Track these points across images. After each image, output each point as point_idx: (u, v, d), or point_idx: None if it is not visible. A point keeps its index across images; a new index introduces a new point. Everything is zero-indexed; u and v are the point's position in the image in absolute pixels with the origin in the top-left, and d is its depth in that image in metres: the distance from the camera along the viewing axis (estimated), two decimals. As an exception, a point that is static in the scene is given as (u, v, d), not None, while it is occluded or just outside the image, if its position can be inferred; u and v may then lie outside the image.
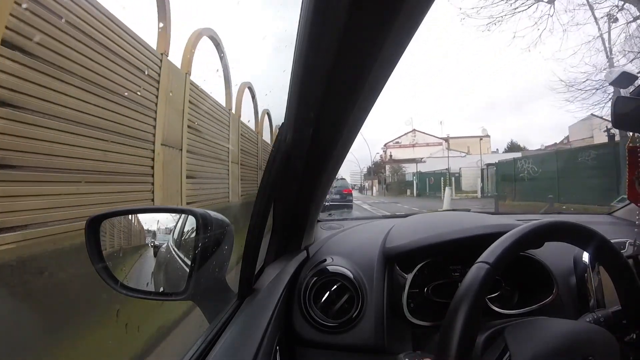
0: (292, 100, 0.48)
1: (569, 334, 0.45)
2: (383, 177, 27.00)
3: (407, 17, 0.32)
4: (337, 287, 0.73)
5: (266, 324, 0.54)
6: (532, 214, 1.29)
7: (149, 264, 0.62)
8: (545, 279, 0.71)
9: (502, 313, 0.70)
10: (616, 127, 0.71)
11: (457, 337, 0.40)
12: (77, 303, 1.61)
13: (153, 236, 0.61)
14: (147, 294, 0.58)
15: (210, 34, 4.56)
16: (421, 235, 0.75)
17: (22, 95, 1.88)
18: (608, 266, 0.52)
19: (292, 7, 0.40)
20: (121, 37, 2.79)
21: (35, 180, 1.95)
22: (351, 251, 0.82)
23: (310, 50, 0.38)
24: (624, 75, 0.80)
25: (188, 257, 0.57)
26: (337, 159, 0.61)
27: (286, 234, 0.80)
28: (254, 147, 7.01)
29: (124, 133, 2.79)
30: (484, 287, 0.43)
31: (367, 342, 0.69)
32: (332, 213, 2.03)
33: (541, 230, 0.48)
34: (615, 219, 1.14)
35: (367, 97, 0.45)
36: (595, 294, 0.68)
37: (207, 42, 4.65)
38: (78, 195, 2.24)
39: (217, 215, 0.58)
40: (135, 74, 2.95)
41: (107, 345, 1.39)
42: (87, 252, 0.55)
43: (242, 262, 0.60)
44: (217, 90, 5.08)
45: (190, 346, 0.50)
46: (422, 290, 0.75)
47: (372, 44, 0.35)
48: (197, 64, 4.05)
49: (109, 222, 0.60)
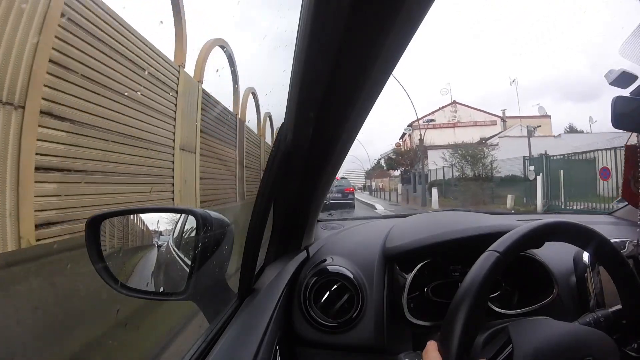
0: (292, 100, 0.48)
1: (571, 335, 0.45)
2: (413, 170, 16.61)
3: (408, 17, 0.32)
4: (337, 287, 0.73)
5: (266, 324, 0.54)
6: (532, 214, 1.29)
7: (149, 264, 0.62)
8: (545, 279, 0.71)
9: (502, 313, 0.70)
10: (616, 127, 0.71)
11: (460, 326, 0.40)
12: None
13: (153, 236, 0.61)
14: (147, 294, 0.58)
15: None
16: (421, 235, 0.75)
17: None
18: (608, 266, 0.52)
19: (292, 7, 0.40)
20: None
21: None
22: (351, 251, 0.82)
23: (310, 50, 0.38)
24: (624, 75, 0.80)
25: (188, 257, 0.57)
26: (337, 158, 0.61)
27: (286, 234, 0.80)
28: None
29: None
30: (492, 275, 0.43)
31: (367, 342, 0.69)
32: (332, 213, 2.04)
33: (541, 230, 0.48)
34: (615, 219, 1.14)
35: (367, 96, 0.45)
36: (595, 294, 0.68)
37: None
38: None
39: (217, 215, 0.59)
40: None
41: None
42: (87, 252, 0.55)
43: (242, 262, 0.60)
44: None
45: (191, 346, 0.50)
46: (422, 291, 0.75)
47: (372, 44, 0.35)
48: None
49: (109, 222, 0.60)
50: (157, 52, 3.27)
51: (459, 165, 13.09)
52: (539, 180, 8.50)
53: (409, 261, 0.74)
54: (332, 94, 0.42)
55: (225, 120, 5.45)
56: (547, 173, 8.74)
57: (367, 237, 0.89)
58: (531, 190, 8.96)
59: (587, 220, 1.07)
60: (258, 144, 7.50)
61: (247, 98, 6.56)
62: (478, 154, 12.81)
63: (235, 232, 0.61)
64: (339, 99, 0.44)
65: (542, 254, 0.71)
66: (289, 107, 0.51)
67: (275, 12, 3.47)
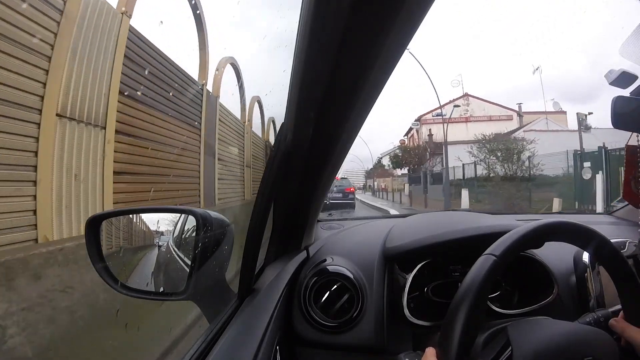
0: (292, 100, 0.48)
1: (570, 335, 0.45)
2: (423, 168, 14.99)
3: (408, 17, 0.32)
4: (337, 287, 0.73)
5: (266, 324, 0.54)
6: (532, 214, 1.29)
7: (149, 264, 0.62)
8: (545, 279, 0.71)
9: (502, 313, 0.70)
10: (616, 127, 0.71)
11: (460, 328, 0.40)
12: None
13: (153, 236, 0.61)
14: (147, 294, 0.58)
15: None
16: (421, 235, 0.75)
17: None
18: (608, 266, 0.52)
19: (292, 7, 0.40)
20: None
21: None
22: (351, 251, 0.82)
23: (310, 50, 0.38)
24: (624, 75, 0.79)
25: (188, 257, 0.57)
26: (337, 158, 0.61)
27: (286, 234, 0.80)
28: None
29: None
30: (490, 278, 0.43)
31: (367, 342, 0.69)
32: (332, 213, 2.04)
33: (541, 230, 0.48)
34: (615, 219, 1.14)
35: (367, 96, 0.45)
36: (596, 294, 0.68)
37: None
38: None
39: (217, 215, 0.59)
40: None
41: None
42: (87, 252, 0.55)
43: (242, 262, 0.60)
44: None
45: (191, 346, 0.50)
46: (422, 291, 0.75)
47: (372, 44, 0.35)
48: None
49: (109, 222, 0.60)
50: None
51: (486, 161, 10.75)
52: (599, 180, 7.01)
53: (409, 261, 0.74)
54: (332, 94, 0.42)
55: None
56: (608, 171, 7.06)
57: (367, 237, 0.89)
58: (584, 191, 7.57)
59: (587, 220, 1.07)
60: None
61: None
62: (514, 148, 10.30)
63: (235, 232, 0.61)
64: (339, 99, 0.44)
65: (542, 254, 0.71)
66: (289, 107, 0.51)
67: (275, 12, 3.73)
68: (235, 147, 6.19)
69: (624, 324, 0.51)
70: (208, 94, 4.86)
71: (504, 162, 10.26)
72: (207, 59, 4.82)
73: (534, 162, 9.74)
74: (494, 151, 10.62)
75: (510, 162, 10.19)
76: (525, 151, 10.19)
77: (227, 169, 5.59)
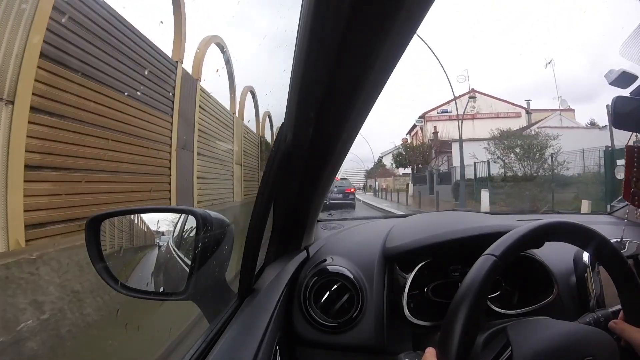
0: (292, 100, 0.48)
1: (570, 335, 0.45)
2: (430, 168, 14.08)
3: (408, 17, 0.32)
4: (337, 287, 0.73)
5: (266, 324, 0.54)
6: (532, 214, 1.29)
7: (149, 264, 0.62)
8: (545, 279, 0.71)
9: (502, 313, 0.70)
10: (616, 127, 0.72)
11: (460, 328, 0.40)
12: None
13: (154, 236, 0.61)
14: (147, 294, 0.58)
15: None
16: (421, 235, 0.75)
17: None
18: (608, 266, 0.52)
19: (292, 7, 0.40)
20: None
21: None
22: (351, 251, 0.82)
23: (310, 50, 0.38)
24: (624, 75, 0.80)
25: (188, 257, 0.57)
26: (337, 158, 0.61)
27: (286, 234, 0.80)
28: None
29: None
30: (490, 278, 0.43)
31: (367, 342, 0.69)
32: (332, 213, 2.04)
33: (541, 230, 0.48)
34: (615, 219, 1.14)
35: (367, 96, 0.45)
36: (595, 294, 0.68)
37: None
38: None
39: (217, 215, 0.59)
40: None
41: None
42: (87, 252, 0.55)
43: (242, 262, 0.60)
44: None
45: (191, 346, 0.50)
46: (422, 290, 0.75)
47: (372, 43, 0.35)
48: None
49: (109, 222, 0.60)
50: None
51: (503, 159, 9.84)
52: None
53: (409, 261, 0.74)
54: (332, 94, 0.42)
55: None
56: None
57: (367, 237, 0.89)
58: (615, 191, 6.66)
59: (587, 220, 1.07)
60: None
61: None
62: (537, 144, 9.31)
63: (235, 232, 0.61)
64: (339, 99, 0.44)
65: (542, 254, 0.71)
66: (289, 107, 0.51)
67: (275, 12, 3.49)
68: (221, 141, 5.22)
69: (623, 325, 0.51)
70: (185, 74, 3.80)
71: (524, 160, 9.36)
72: (184, 30, 3.70)
73: (559, 159, 8.88)
74: (512, 148, 9.65)
75: (532, 160, 9.26)
76: (548, 148, 9.33)
77: (210, 166, 4.66)
